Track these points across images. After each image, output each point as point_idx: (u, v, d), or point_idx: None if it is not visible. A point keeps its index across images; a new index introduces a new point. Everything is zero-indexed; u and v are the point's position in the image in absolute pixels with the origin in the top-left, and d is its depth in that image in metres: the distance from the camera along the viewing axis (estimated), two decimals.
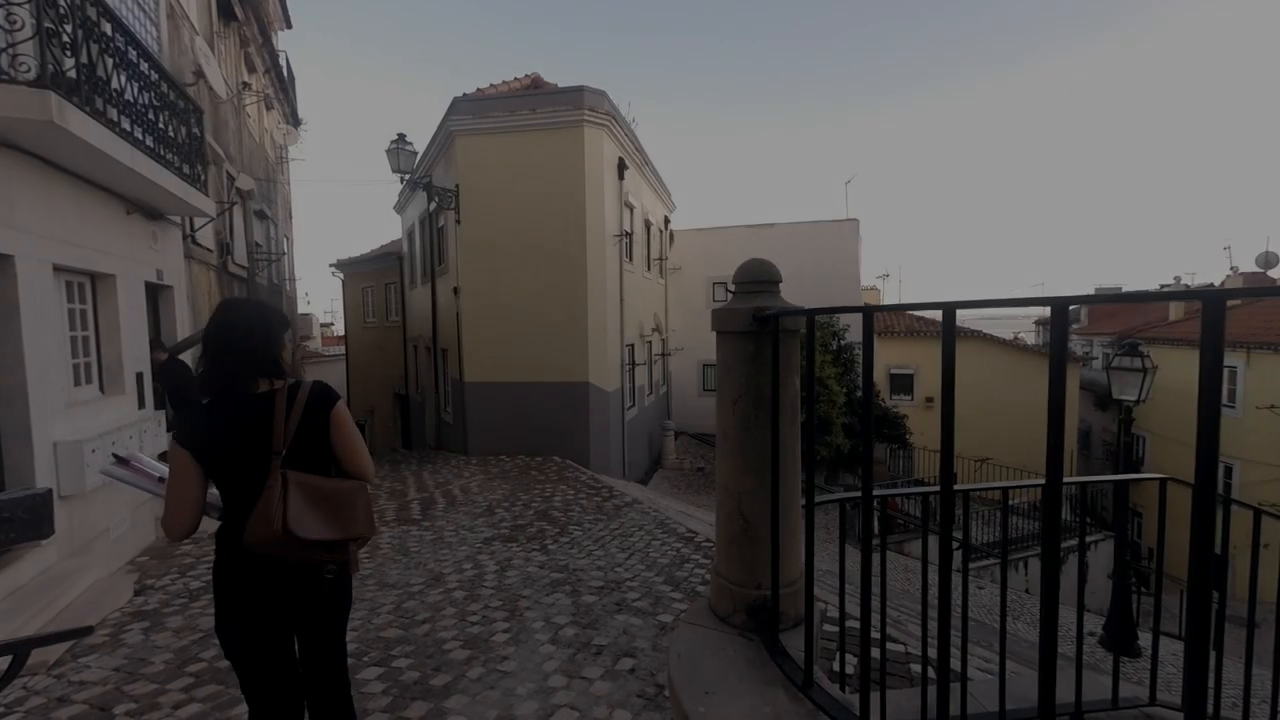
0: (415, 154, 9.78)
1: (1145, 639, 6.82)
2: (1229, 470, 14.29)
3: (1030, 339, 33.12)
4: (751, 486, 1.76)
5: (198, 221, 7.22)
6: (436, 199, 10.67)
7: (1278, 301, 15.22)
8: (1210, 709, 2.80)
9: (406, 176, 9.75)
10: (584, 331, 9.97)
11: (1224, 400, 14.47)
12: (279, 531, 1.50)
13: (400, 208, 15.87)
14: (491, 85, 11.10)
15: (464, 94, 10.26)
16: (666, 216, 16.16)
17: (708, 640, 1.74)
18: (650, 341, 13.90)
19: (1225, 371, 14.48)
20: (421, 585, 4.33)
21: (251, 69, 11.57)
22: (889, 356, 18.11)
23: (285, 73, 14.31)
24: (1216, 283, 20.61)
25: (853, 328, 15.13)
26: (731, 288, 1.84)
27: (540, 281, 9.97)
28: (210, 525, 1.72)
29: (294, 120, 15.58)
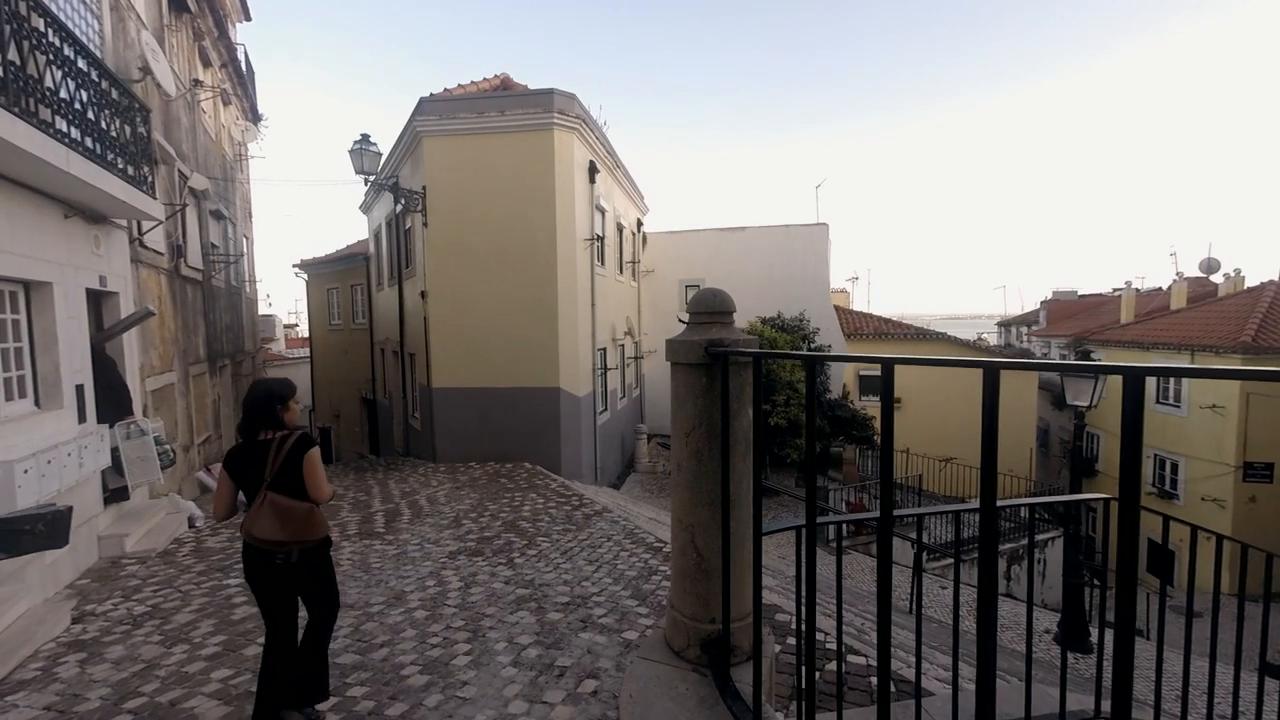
0: (380, 155, 9.54)
1: (1098, 634, 7.10)
2: (1175, 466, 14.98)
3: (992, 340, 34.26)
4: (705, 519, 1.74)
5: (146, 224, 6.90)
6: (403, 201, 10.44)
7: (1218, 307, 16.00)
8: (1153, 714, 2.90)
9: (371, 178, 9.50)
10: (554, 336, 9.88)
11: (1169, 400, 15.16)
12: (255, 534, 2.54)
13: (366, 208, 15.49)
14: (460, 85, 10.91)
15: (431, 94, 10.05)
16: (639, 219, 16.14)
17: (661, 678, 1.71)
18: (623, 345, 13.86)
19: None
20: (382, 605, 4.21)
21: (206, 63, 11.14)
22: None
23: (244, 67, 13.82)
24: (1164, 286, 21.56)
25: (824, 331, 15.35)
26: (684, 318, 1.81)
27: (510, 286, 9.84)
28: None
29: (254, 116, 15.06)
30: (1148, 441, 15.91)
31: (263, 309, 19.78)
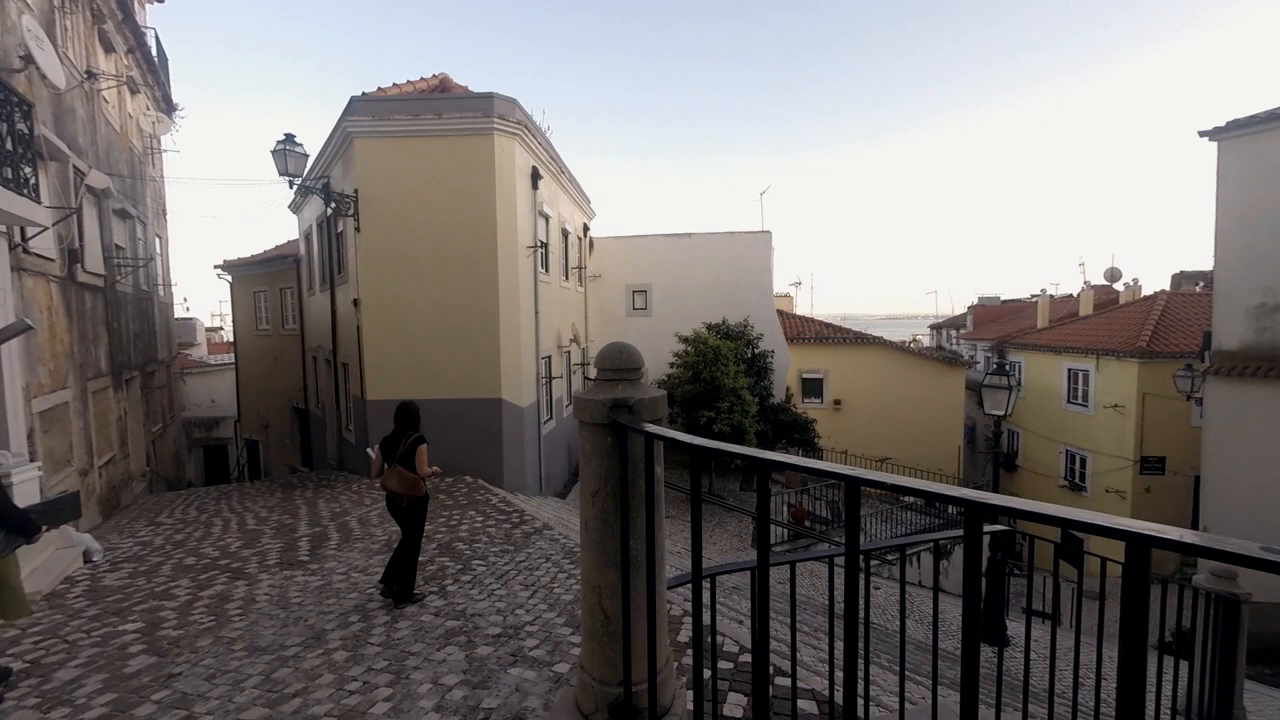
0: (305, 157, 9.02)
1: (1013, 628, 7.56)
2: (1083, 461, 16.23)
3: (926, 341, 36.10)
4: (612, 582, 1.70)
5: (32, 229, 6.25)
6: (334, 204, 9.93)
7: (1119, 314, 17.44)
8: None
9: (296, 181, 8.97)
10: (496, 346, 9.65)
11: (1079, 400, 16.40)
12: (386, 486, 4.60)
13: (296, 207, 14.65)
14: (395, 85, 10.46)
15: (363, 93, 9.61)
16: (586, 224, 16.02)
17: None
18: (569, 352, 13.72)
19: (1080, 374, 16.42)
20: (298, 646, 3.97)
21: (109, 49, 10.25)
22: (800, 361, 19.01)
23: (154, 52, 12.81)
24: (1074, 293, 23.27)
25: (767, 336, 15.71)
26: (591, 374, 1.78)
27: (449, 294, 9.53)
28: None
29: (167, 106, 13.99)
30: (1059, 437, 17.16)
31: (180, 313, 18.43)
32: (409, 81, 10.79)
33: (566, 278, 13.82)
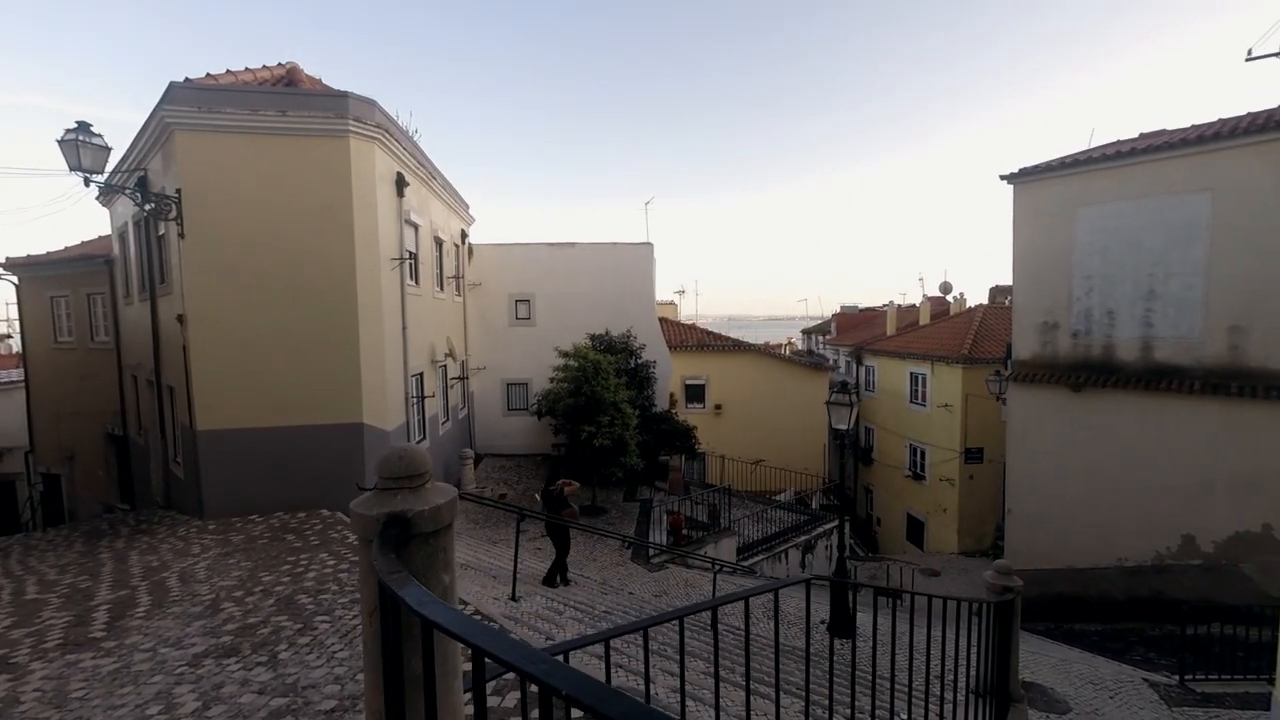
0: (107, 150, 7.70)
1: (862, 620, 8.41)
2: (923, 454, 18.51)
3: (799, 344, 39.08)
4: (393, 706, 1.60)
5: None
6: (151, 204, 8.59)
7: (948, 324, 20.14)
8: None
9: (96, 178, 7.61)
10: (355, 366, 8.91)
11: (919, 401, 18.67)
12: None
13: (108, 200, 12.48)
14: (230, 72, 9.25)
15: (187, 78, 8.39)
16: (463, 230, 15.34)
17: None
18: (445, 366, 13.05)
19: (919, 377, 18.70)
20: None
21: None
22: (684, 368, 19.71)
23: None
24: (916, 303, 26.47)
25: (649, 347, 16.08)
26: (371, 484, 1.66)
27: (298, 311, 8.63)
28: None
29: None
30: (905, 433, 19.40)
31: None
32: (248, 69, 9.60)
33: (441, 288, 13.13)
